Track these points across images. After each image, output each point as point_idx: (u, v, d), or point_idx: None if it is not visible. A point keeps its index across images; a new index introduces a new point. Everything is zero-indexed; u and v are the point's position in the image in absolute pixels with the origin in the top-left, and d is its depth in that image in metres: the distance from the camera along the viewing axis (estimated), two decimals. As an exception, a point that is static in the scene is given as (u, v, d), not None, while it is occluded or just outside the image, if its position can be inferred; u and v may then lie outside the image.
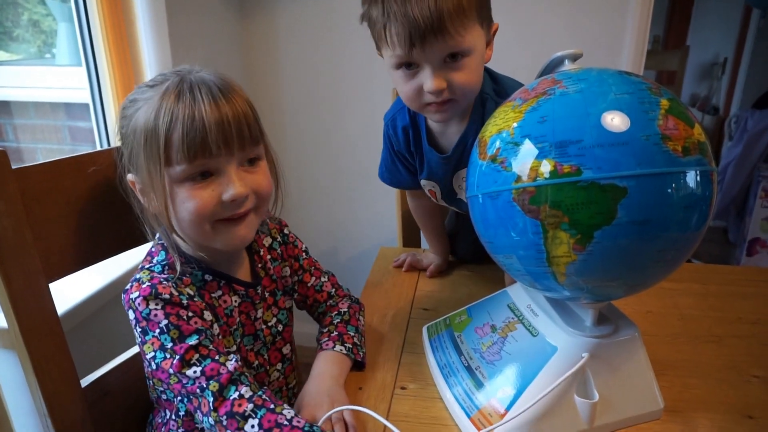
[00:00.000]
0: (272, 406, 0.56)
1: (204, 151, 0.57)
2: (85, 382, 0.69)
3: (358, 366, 0.74)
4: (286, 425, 0.55)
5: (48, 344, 0.63)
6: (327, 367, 0.70)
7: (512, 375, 0.62)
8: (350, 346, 0.72)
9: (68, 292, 0.98)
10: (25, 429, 0.87)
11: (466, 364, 0.67)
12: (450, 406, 0.65)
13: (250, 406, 0.56)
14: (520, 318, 0.67)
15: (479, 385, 0.63)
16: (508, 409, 0.59)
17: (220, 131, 0.57)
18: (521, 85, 0.81)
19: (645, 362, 0.63)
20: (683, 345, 0.78)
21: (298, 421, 0.55)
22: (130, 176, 0.63)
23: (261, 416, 0.55)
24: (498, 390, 0.61)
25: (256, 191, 0.62)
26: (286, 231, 0.79)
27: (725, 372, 0.72)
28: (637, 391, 0.62)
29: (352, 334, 0.75)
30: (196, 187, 0.59)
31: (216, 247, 0.64)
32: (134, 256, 0.79)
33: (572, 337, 0.60)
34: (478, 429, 0.59)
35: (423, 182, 0.93)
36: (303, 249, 0.81)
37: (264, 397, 0.57)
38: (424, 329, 0.80)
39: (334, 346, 0.72)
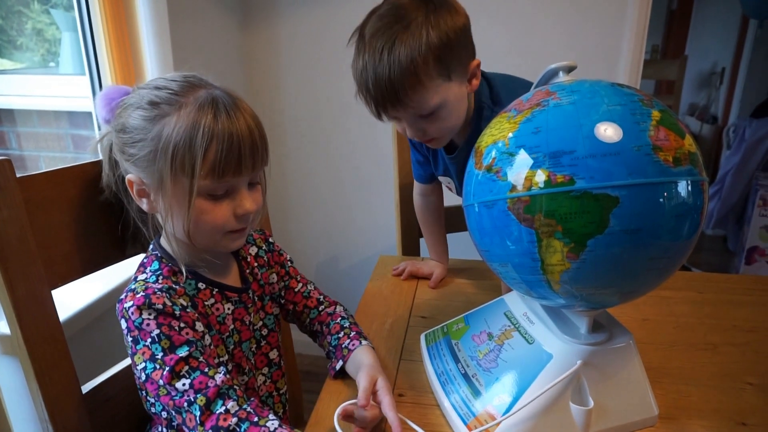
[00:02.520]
0: (256, 419, 0.57)
1: (235, 171, 0.61)
2: (86, 388, 0.70)
3: None
4: None
5: (50, 351, 0.64)
6: (373, 357, 0.71)
7: (508, 382, 0.62)
8: (370, 341, 0.75)
9: (70, 299, 0.99)
10: (26, 435, 0.88)
11: (463, 372, 0.68)
12: (447, 414, 0.65)
13: (235, 419, 0.56)
14: (517, 326, 0.68)
15: (476, 392, 0.64)
16: (504, 415, 0.59)
17: (251, 154, 0.61)
18: (515, 85, 0.85)
19: (640, 369, 0.64)
20: (679, 352, 0.79)
21: None
22: (130, 176, 0.63)
23: (245, 429, 0.56)
24: (494, 397, 0.62)
25: (257, 207, 0.66)
26: (270, 240, 0.82)
27: (720, 379, 0.73)
28: (631, 398, 0.63)
29: (365, 333, 0.77)
30: (215, 202, 0.62)
31: (211, 251, 0.67)
32: (136, 264, 0.80)
33: (567, 345, 0.61)
34: (475, 435, 0.60)
35: (440, 178, 0.99)
36: (288, 258, 0.83)
37: (249, 409, 0.58)
38: (422, 337, 0.81)
39: (361, 343, 0.73)
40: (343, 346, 0.74)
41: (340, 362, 0.72)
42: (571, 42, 1.52)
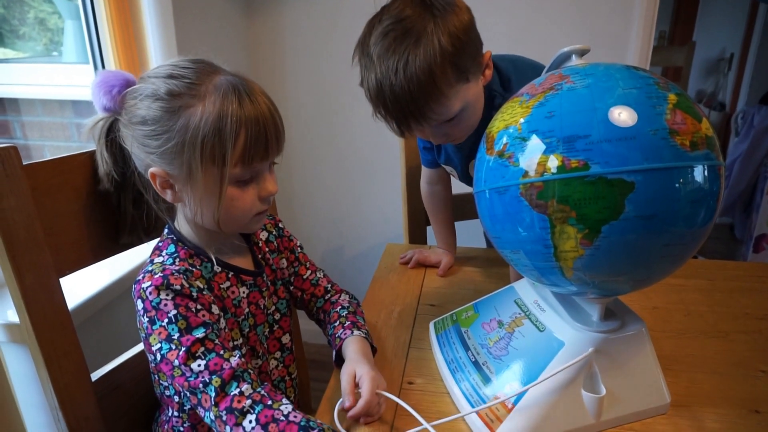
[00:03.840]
0: (270, 402, 0.57)
1: (263, 156, 0.62)
2: (95, 376, 0.70)
3: (372, 351, 0.75)
4: (282, 420, 0.55)
5: (59, 339, 0.64)
6: (358, 347, 0.70)
7: (519, 370, 0.62)
8: (365, 331, 0.74)
9: (79, 287, 0.99)
10: (36, 423, 0.88)
11: (473, 359, 0.67)
12: (457, 401, 0.65)
13: (249, 401, 0.56)
14: (527, 313, 0.67)
15: (486, 379, 0.64)
16: (515, 403, 0.59)
17: (276, 137, 0.62)
18: (524, 66, 0.84)
19: (652, 357, 0.64)
20: (690, 340, 0.78)
21: (295, 416, 0.56)
22: (153, 169, 0.61)
23: (258, 411, 0.55)
24: (505, 385, 0.62)
25: (277, 189, 0.67)
26: (280, 225, 0.82)
27: (732, 367, 0.72)
28: (643, 386, 0.63)
29: (363, 322, 0.77)
30: (243, 188, 0.63)
31: (236, 234, 0.69)
32: (144, 251, 0.80)
33: (579, 332, 0.60)
34: (486, 423, 0.59)
35: (443, 166, 0.99)
36: (298, 244, 0.83)
37: (263, 392, 0.58)
38: (431, 325, 0.80)
39: (353, 332, 0.73)
40: (337, 336, 0.74)
41: (334, 352, 0.73)
42: (578, 29, 1.50)
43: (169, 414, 0.70)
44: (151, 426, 0.77)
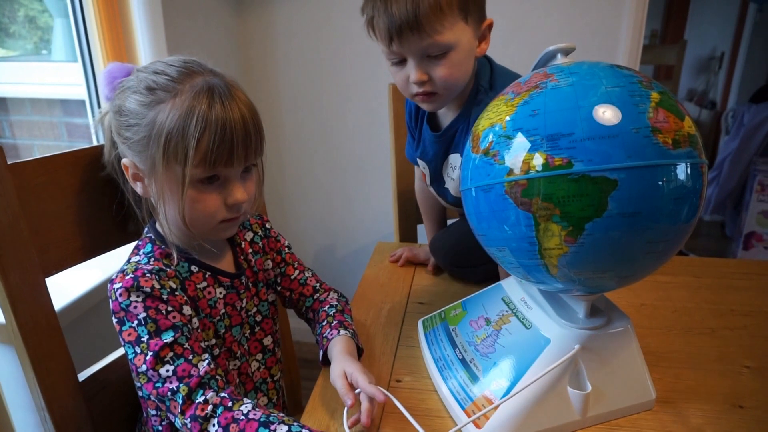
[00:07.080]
0: (230, 404, 0.57)
1: (227, 161, 0.61)
2: (82, 376, 0.70)
3: (358, 352, 0.75)
4: (242, 419, 0.55)
5: (45, 339, 0.64)
6: (343, 347, 0.70)
7: (506, 367, 0.62)
8: (352, 331, 0.74)
9: (66, 287, 0.99)
10: (24, 423, 0.88)
11: (461, 357, 0.68)
12: (445, 399, 0.65)
13: (211, 407, 0.57)
14: (514, 311, 0.68)
15: (474, 377, 0.64)
16: (501, 400, 0.59)
17: (244, 145, 0.61)
18: (514, 78, 0.83)
19: (637, 353, 0.64)
20: (676, 337, 0.79)
21: (255, 414, 0.56)
22: (125, 160, 0.63)
23: (219, 414, 0.56)
24: (492, 382, 0.62)
25: (249, 198, 0.65)
26: (267, 226, 0.82)
27: (717, 363, 0.73)
28: (629, 382, 0.63)
29: (350, 321, 0.77)
30: (206, 190, 0.62)
31: (206, 238, 0.67)
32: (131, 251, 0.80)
33: (565, 330, 0.61)
34: (472, 421, 0.60)
35: (419, 161, 0.97)
36: (285, 244, 0.83)
37: (224, 395, 0.58)
38: (420, 323, 0.80)
39: (339, 332, 0.73)
40: (324, 335, 0.74)
41: (321, 352, 0.73)
42: (569, 27, 1.51)
43: (145, 416, 0.70)
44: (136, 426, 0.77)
